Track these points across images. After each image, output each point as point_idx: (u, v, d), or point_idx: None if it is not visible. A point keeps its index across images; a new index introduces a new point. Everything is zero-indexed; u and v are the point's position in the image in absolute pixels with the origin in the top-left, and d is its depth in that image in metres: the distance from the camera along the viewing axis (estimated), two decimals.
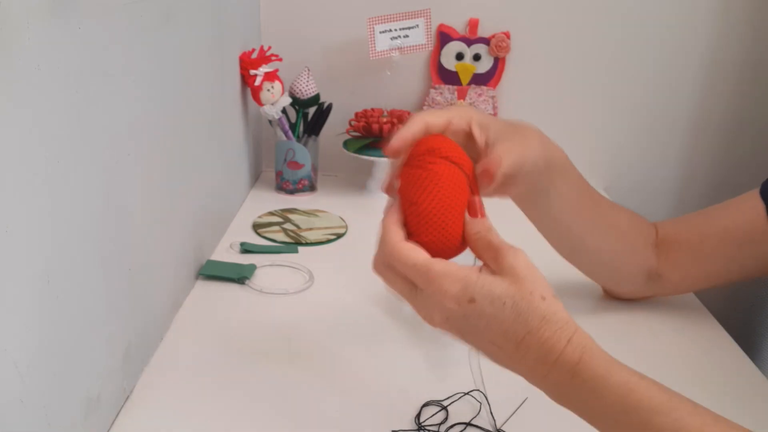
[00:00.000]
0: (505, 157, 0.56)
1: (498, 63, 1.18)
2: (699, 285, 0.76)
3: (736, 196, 0.73)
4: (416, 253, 0.49)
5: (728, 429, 0.42)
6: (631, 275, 0.76)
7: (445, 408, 0.61)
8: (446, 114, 0.57)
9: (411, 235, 0.52)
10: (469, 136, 0.57)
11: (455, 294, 0.46)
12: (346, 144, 1.18)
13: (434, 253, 0.51)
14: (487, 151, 0.57)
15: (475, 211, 0.51)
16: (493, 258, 0.48)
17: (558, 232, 0.72)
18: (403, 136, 0.53)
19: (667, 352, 0.73)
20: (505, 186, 0.60)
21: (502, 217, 0.55)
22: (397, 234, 0.50)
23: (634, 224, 0.75)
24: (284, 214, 1.04)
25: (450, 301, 0.46)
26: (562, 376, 0.45)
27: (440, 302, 0.47)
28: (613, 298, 0.81)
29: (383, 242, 0.50)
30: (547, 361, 0.45)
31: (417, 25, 1.11)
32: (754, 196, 0.70)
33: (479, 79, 1.19)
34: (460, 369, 0.61)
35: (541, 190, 0.65)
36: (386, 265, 0.50)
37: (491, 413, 0.60)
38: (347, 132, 1.19)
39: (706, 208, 0.75)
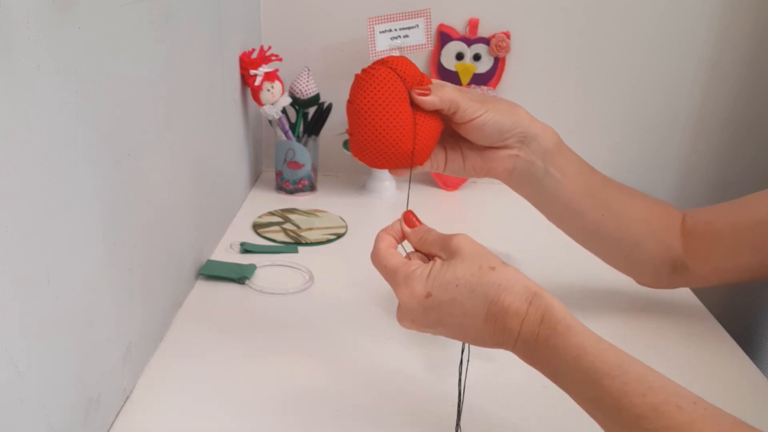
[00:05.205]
0: (449, 91, 0.59)
1: (498, 63, 1.18)
2: (729, 278, 0.72)
3: (738, 195, 0.72)
4: (391, 257, 0.53)
5: (673, 395, 0.43)
6: (654, 265, 0.73)
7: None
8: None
9: (351, 135, 0.56)
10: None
11: (416, 294, 0.50)
12: (346, 144, 1.18)
13: (374, 155, 0.55)
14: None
15: (411, 220, 0.56)
16: (441, 248, 0.52)
17: (570, 218, 0.70)
18: None
19: (668, 352, 0.73)
20: (488, 161, 0.64)
21: (514, 219, 0.56)
22: (385, 240, 0.55)
23: (656, 210, 0.72)
24: (284, 214, 1.04)
25: (411, 301, 0.50)
26: (530, 338, 0.48)
27: (404, 304, 0.51)
28: (644, 285, 0.77)
29: (373, 247, 0.55)
30: (515, 326, 0.48)
31: (417, 25, 1.11)
32: None
33: (479, 79, 1.19)
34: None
35: (539, 170, 0.65)
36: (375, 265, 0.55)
37: None
38: (347, 132, 1.19)
39: (737, 198, 0.72)
